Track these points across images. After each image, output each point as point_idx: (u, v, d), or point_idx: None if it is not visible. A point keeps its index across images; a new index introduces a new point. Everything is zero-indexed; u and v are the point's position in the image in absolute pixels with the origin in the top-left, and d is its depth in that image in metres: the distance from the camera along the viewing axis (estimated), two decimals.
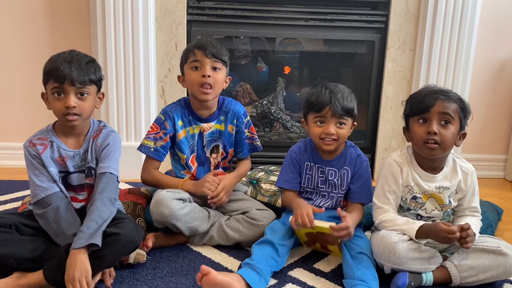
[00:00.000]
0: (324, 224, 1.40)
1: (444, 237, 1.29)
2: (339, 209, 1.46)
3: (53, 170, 1.37)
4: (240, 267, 1.35)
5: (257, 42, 2.51)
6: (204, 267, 1.21)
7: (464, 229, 1.30)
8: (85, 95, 1.34)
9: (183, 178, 1.66)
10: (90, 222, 1.25)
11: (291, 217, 1.45)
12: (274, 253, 1.38)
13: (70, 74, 1.30)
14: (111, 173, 1.37)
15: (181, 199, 1.53)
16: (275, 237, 1.42)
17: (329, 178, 1.57)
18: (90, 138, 1.42)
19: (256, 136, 1.76)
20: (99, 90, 1.42)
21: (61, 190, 1.38)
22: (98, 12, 2.13)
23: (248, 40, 2.48)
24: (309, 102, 1.53)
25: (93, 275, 1.24)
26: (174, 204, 1.49)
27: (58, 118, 1.38)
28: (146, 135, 1.66)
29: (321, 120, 1.51)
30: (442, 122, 1.37)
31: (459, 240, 1.31)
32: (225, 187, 1.59)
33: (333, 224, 1.38)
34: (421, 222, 1.37)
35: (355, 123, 1.56)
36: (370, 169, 1.61)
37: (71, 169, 1.39)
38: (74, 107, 1.32)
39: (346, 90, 1.53)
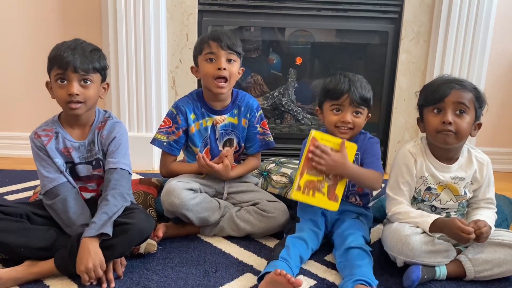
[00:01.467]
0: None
1: (458, 234, 1.27)
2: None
3: (59, 161, 1.37)
4: (276, 257, 1.32)
5: (268, 33, 2.49)
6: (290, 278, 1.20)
7: (479, 227, 1.28)
8: (89, 82, 1.33)
9: None
10: (102, 214, 1.26)
11: (313, 131, 1.42)
12: (305, 250, 1.39)
13: (74, 61, 1.29)
14: (122, 168, 1.36)
15: (192, 189, 1.52)
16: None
17: None
18: (95, 128, 1.41)
19: (269, 132, 1.74)
20: (103, 80, 1.41)
21: (69, 181, 1.38)
22: (109, 2, 2.12)
23: (259, 31, 2.46)
24: (327, 90, 1.51)
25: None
26: (185, 194, 1.48)
27: (61, 107, 1.36)
28: (159, 129, 1.65)
29: (337, 108, 1.49)
30: (457, 112, 1.35)
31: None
32: (217, 169, 1.56)
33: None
34: (435, 216, 1.34)
35: (369, 114, 1.54)
36: (379, 145, 1.56)
37: (77, 160, 1.39)
38: (77, 94, 1.31)
39: (363, 80, 1.53)
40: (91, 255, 1.20)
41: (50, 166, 1.36)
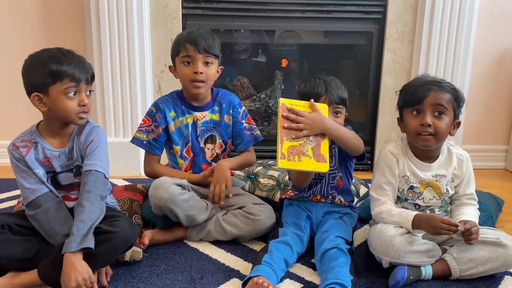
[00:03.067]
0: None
1: (437, 226, 1.27)
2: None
3: (40, 171, 1.35)
4: (259, 261, 1.32)
5: (254, 35, 2.48)
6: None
7: (467, 228, 1.29)
8: (91, 92, 1.36)
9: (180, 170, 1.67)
10: (80, 223, 1.23)
11: (281, 99, 1.40)
12: (289, 253, 1.39)
13: (87, 75, 1.31)
14: (96, 170, 1.34)
15: (181, 186, 1.52)
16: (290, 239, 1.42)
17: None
18: (74, 136, 1.40)
19: (255, 126, 1.74)
20: None
21: (51, 191, 1.36)
22: (92, 7, 2.11)
23: (245, 33, 2.45)
24: (303, 94, 1.50)
25: None
26: (174, 189, 1.48)
27: (70, 118, 1.33)
28: (139, 127, 1.66)
29: None
30: (436, 113, 1.36)
31: (463, 236, 1.30)
32: (216, 171, 1.58)
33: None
34: (414, 213, 1.35)
35: (347, 113, 1.55)
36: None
37: (58, 169, 1.38)
38: (87, 104, 1.33)
39: (338, 80, 1.53)
40: (78, 269, 1.18)
41: (30, 177, 1.34)
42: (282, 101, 1.40)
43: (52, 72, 1.27)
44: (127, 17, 2.12)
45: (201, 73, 1.54)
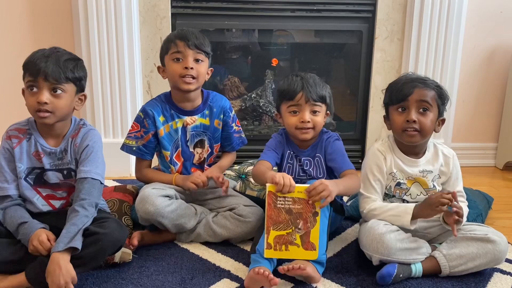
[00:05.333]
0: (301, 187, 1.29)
1: (438, 201, 1.27)
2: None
3: (22, 166, 1.34)
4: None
5: (245, 34, 2.48)
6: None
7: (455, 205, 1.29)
8: (59, 92, 1.29)
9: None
10: (71, 226, 1.23)
11: (268, 185, 1.28)
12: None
13: (45, 69, 1.25)
14: (93, 178, 1.32)
15: (167, 196, 1.50)
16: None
17: (305, 168, 1.54)
18: (69, 137, 1.37)
19: (241, 129, 1.75)
20: (80, 91, 1.37)
21: (21, 193, 1.35)
22: (80, 7, 2.09)
23: (235, 33, 2.45)
24: (281, 91, 1.50)
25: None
26: (160, 202, 1.46)
27: (32, 115, 1.32)
28: (128, 134, 1.63)
29: (295, 109, 1.48)
30: (421, 110, 1.38)
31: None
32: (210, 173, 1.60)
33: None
34: (412, 205, 1.36)
35: (328, 112, 1.53)
36: (341, 141, 1.54)
37: (47, 166, 1.36)
38: (46, 103, 1.26)
39: (317, 78, 1.51)
40: (62, 271, 1.16)
41: (1, 174, 1.33)
42: (269, 188, 1.28)
43: (23, 65, 1.30)
44: (116, 15, 2.10)
45: (192, 68, 1.51)
